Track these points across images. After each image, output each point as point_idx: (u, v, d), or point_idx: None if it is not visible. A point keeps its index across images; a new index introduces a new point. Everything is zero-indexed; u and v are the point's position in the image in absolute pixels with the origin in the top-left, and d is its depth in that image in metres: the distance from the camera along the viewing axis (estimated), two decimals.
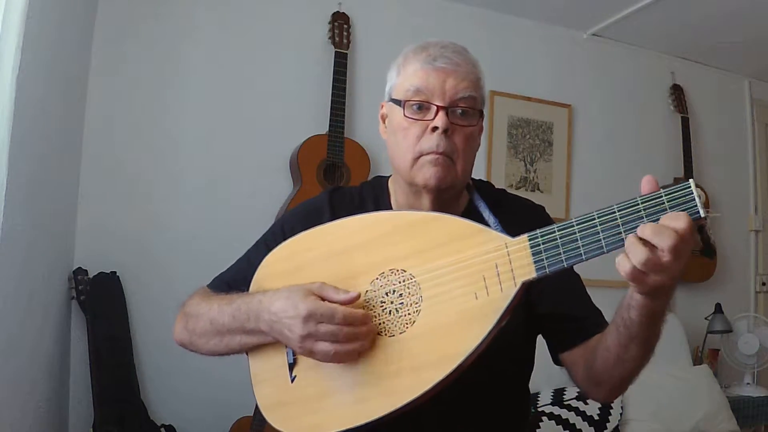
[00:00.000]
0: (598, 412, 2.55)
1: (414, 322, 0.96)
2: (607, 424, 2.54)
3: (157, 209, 2.56)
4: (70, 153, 2.36)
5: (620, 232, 0.83)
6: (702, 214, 0.80)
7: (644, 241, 0.79)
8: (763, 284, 3.75)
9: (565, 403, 2.55)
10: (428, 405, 0.95)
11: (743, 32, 3.28)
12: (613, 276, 0.90)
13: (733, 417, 2.82)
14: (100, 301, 2.27)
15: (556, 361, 1.14)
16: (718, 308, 3.22)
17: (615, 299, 0.97)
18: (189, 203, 2.61)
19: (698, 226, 0.83)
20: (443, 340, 0.93)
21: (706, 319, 3.23)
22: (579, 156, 3.38)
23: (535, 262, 0.89)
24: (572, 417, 2.50)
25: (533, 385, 1.25)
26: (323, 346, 0.95)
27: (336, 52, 2.79)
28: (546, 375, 1.21)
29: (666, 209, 0.81)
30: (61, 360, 2.23)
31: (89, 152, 2.47)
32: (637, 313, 0.89)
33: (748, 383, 3.19)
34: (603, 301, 1.19)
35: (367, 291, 1.00)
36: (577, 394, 2.57)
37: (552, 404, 2.53)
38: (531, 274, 0.89)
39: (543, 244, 0.89)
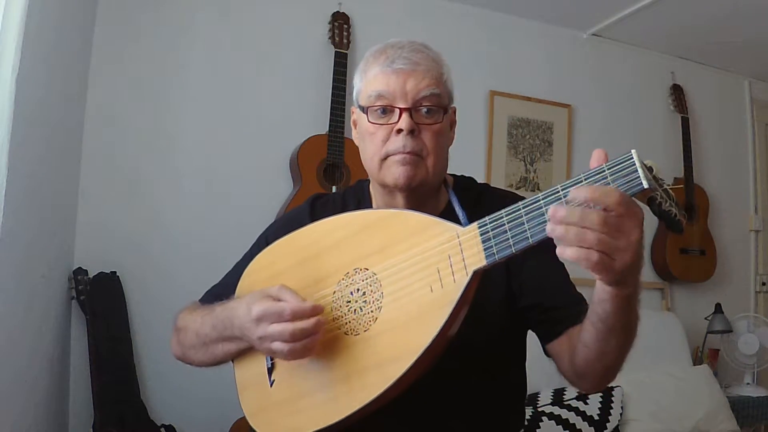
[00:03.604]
0: (598, 412, 2.55)
1: (376, 319, 0.97)
2: (607, 424, 2.54)
3: (157, 209, 2.56)
4: (70, 153, 2.36)
5: None
6: (645, 185, 0.76)
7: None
8: (763, 284, 3.75)
9: (565, 403, 2.55)
10: (420, 401, 0.96)
11: (743, 32, 3.28)
12: None
13: (733, 417, 2.82)
14: (100, 301, 2.27)
15: (546, 353, 1.14)
16: (718, 308, 3.22)
17: None
18: (189, 203, 2.61)
19: (648, 198, 0.80)
20: (403, 335, 0.94)
21: (706, 319, 3.23)
22: (579, 156, 3.37)
23: (485, 250, 0.88)
24: (572, 417, 2.50)
25: (533, 386, 1.25)
26: (277, 346, 0.96)
27: (336, 52, 2.79)
28: (546, 375, 1.20)
29: (609, 183, 0.78)
30: (61, 360, 2.23)
31: (89, 152, 2.46)
32: (610, 305, 0.86)
33: (748, 383, 3.19)
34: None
35: (334, 292, 1.02)
36: (577, 394, 2.57)
37: (552, 404, 2.53)
38: (481, 262, 0.89)
39: (492, 230, 0.88)
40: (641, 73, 3.56)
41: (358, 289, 1.00)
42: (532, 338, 1.20)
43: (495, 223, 0.88)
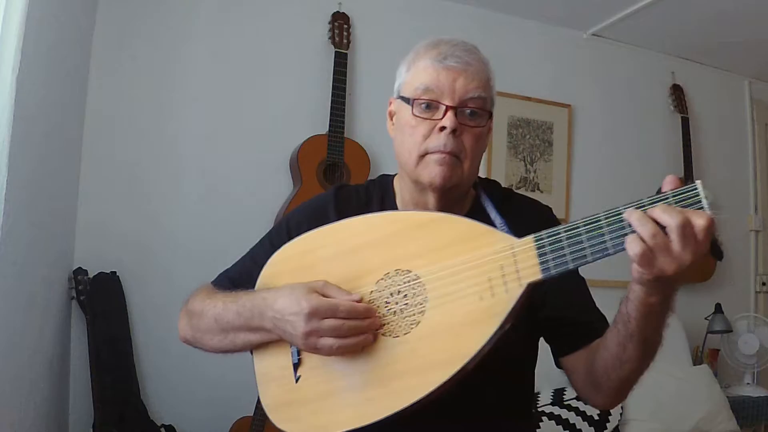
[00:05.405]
0: (598, 412, 2.55)
1: (419, 323, 0.96)
2: (607, 424, 2.54)
3: (157, 209, 2.56)
4: (70, 153, 2.36)
5: (626, 234, 0.82)
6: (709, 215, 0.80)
7: (653, 219, 0.80)
8: (763, 284, 3.75)
9: (565, 403, 2.55)
10: (431, 403, 0.95)
11: (743, 32, 3.28)
12: (613, 276, 0.90)
13: (733, 417, 2.82)
14: (100, 301, 2.27)
15: (558, 365, 1.14)
16: (718, 308, 3.22)
17: (615, 299, 0.97)
18: (189, 203, 2.61)
19: None
20: (448, 341, 0.93)
21: (706, 319, 3.23)
22: (579, 156, 3.37)
23: (540, 264, 0.89)
24: (572, 417, 2.50)
25: None
26: (327, 341, 0.95)
27: (336, 52, 2.79)
28: (546, 375, 1.20)
29: None
30: (61, 360, 2.23)
31: (89, 152, 2.46)
32: (634, 307, 0.88)
33: (748, 383, 3.19)
34: (603, 301, 1.18)
35: (372, 291, 1.00)
36: (577, 394, 2.57)
37: (552, 404, 2.53)
38: (536, 275, 0.89)
39: (549, 245, 0.88)
40: (641, 74, 3.56)
41: (399, 291, 0.98)
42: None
43: (552, 238, 0.88)
